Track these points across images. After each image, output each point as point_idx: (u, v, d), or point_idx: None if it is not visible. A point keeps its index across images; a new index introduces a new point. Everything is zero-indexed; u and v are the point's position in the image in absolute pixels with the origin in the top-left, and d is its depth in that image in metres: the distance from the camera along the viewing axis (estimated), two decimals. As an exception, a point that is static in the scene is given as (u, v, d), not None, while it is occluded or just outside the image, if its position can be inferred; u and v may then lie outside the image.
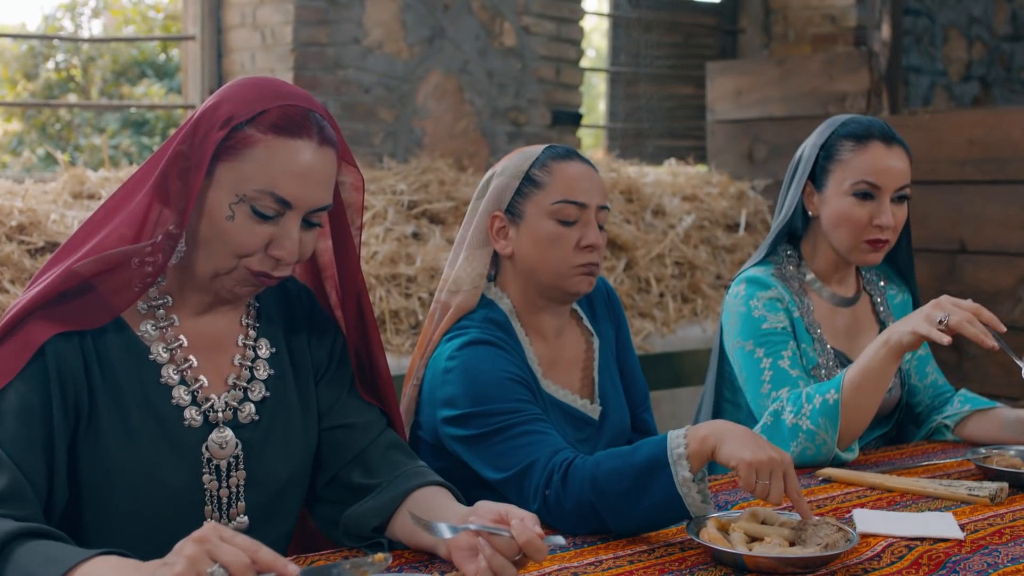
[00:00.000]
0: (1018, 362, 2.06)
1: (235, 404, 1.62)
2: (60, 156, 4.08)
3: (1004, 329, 2.04)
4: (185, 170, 1.53)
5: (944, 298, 2.07)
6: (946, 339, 2.01)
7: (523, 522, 1.41)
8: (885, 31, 4.90)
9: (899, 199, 2.29)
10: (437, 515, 1.56)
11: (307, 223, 1.58)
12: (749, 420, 2.31)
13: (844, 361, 2.32)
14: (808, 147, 2.36)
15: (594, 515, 1.69)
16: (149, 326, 1.59)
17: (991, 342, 2.01)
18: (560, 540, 1.43)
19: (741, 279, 2.34)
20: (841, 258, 2.34)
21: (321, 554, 1.62)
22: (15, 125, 7.41)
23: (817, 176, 2.33)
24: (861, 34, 5.53)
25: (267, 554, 1.24)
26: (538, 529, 1.41)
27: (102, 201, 1.58)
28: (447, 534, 1.43)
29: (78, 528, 1.55)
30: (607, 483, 1.67)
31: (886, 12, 4.90)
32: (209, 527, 1.25)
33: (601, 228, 2.02)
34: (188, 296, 1.61)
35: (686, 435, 1.65)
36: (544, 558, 1.42)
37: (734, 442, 1.62)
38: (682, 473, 1.62)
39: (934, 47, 6.17)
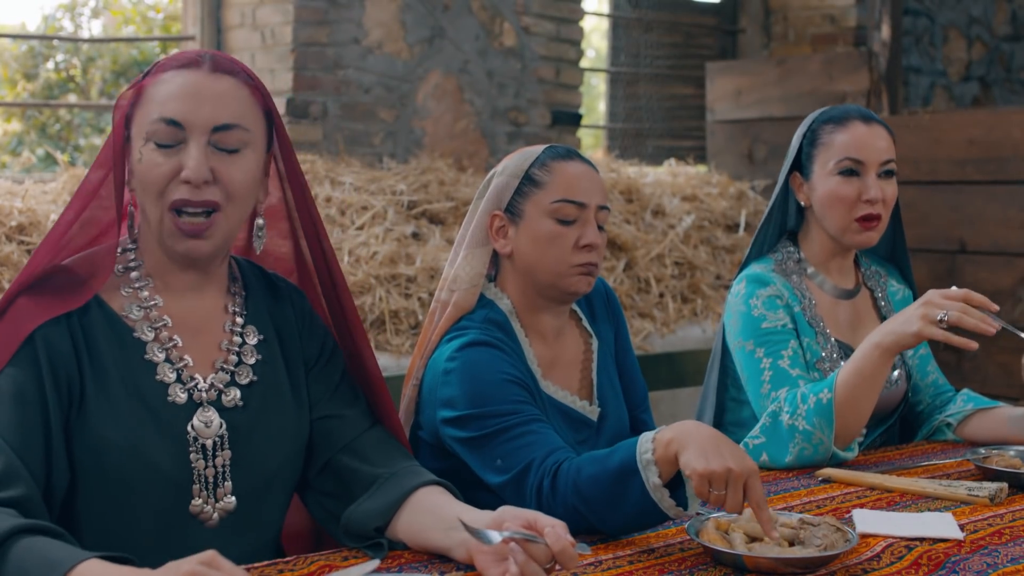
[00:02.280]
0: (1022, 335, 2.06)
1: (221, 386, 1.63)
2: (60, 156, 4.08)
3: (997, 308, 2.02)
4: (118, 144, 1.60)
5: (932, 293, 2.05)
6: (973, 344, 1.99)
7: (555, 529, 1.41)
8: (885, 31, 4.91)
9: (885, 174, 2.30)
10: (445, 516, 1.56)
11: (217, 148, 1.58)
12: (753, 418, 2.32)
13: (848, 352, 2.32)
14: (793, 139, 2.40)
15: (582, 518, 1.69)
16: (134, 307, 1.61)
17: (992, 329, 2.00)
18: (587, 548, 1.44)
19: (742, 277, 2.35)
20: (837, 244, 2.36)
21: (321, 554, 1.61)
22: (15, 125, 7.41)
23: (803, 165, 2.37)
24: (861, 34, 5.53)
25: None
26: (570, 537, 1.41)
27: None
28: (497, 539, 1.42)
29: (73, 510, 1.56)
30: (588, 489, 1.68)
31: (886, 12, 4.90)
32: (211, 553, 1.26)
33: (601, 228, 2.02)
34: (166, 276, 1.64)
35: (654, 439, 1.64)
36: (575, 567, 1.42)
37: (693, 449, 1.58)
38: (652, 479, 1.61)
39: (934, 47, 6.17)
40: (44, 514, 1.46)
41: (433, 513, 1.59)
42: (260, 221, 1.69)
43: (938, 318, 2.01)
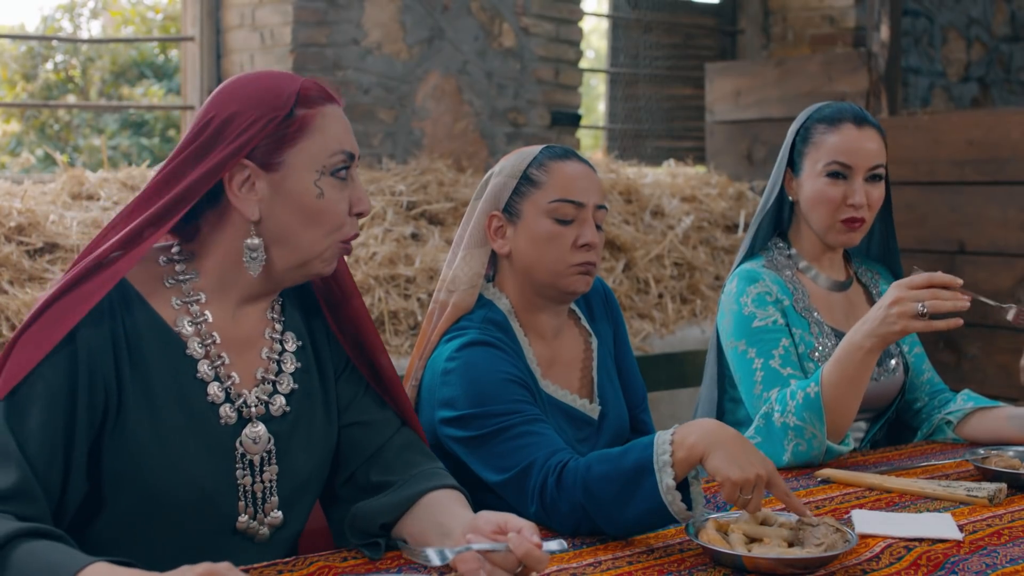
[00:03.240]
0: (1002, 305, 2.07)
1: (266, 398, 1.62)
2: (59, 157, 4.07)
3: (960, 281, 2.00)
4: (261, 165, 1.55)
5: (899, 289, 2.03)
6: (957, 322, 1.99)
7: (520, 534, 1.40)
8: (884, 32, 4.91)
9: (873, 178, 2.32)
10: (443, 523, 1.56)
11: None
12: (749, 418, 2.33)
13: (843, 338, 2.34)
14: (788, 134, 2.42)
15: (587, 518, 1.69)
16: (185, 322, 1.58)
17: (966, 302, 1.99)
18: (556, 546, 1.42)
19: (733, 275, 2.38)
20: (822, 241, 2.38)
21: (320, 555, 1.61)
22: (14, 126, 7.42)
23: (795, 161, 2.39)
24: (860, 35, 5.53)
25: None
26: (536, 539, 1.40)
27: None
28: (436, 561, 1.42)
29: (91, 524, 1.53)
30: (597, 488, 1.67)
31: (885, 13, 4.90)
32: (225, 565, 1.25)
33: (599, 228, 2.02)
34: (222, 294, 1.61)
35: (672, 441, 1.64)
36: (545, 567, 1.41)
37: (722, 455, 1.60)
38: (666, 481, 1.62)
39: (933, 48, 6.17)
40: None
41: (435, 518, 1.58)
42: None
43: (918, 311, 2.01)
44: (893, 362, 2.40)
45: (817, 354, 2.29)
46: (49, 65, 7.45)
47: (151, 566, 1.32)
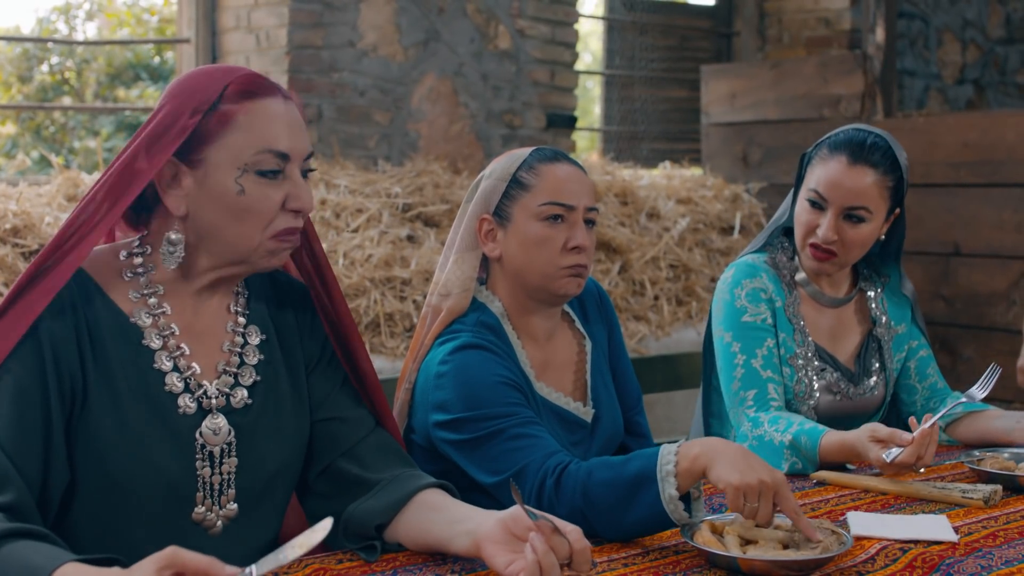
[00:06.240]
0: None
1: (227, 390, 1.63)
2: (54, 159, 4.07)
3: (909, 437, 2.01)
4: (175, 166, 1.56)
5: (870, 454, 2.03)
6: (907, 437, 2.00)
7: (578, 531, 1.42)
8: (879, 34, 4.91)
9: (850, 218, 2.28)
10: (451, 512, 1.57)
11: (302, 173, 1.62)
12: (724, 412, 2.35)
13: (824, 355, 2.35)
14: None
15: (585, 522, 1.69)
16: (143, 313, 1.60)
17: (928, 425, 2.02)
18: (595, 564, 1.45)
19: (733, 264, 2.39)
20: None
21: (315, 557, 1.61)
22: (9, 128, 7.41)
23: (800, 178, 2.37)
24: (855, 37, 5.54)
25: (230, 569, 1.26)
26: (589, 543, 1.42)
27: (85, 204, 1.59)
28: (539, 516, 1.42)
29: (69, 512, 1.55)
30: (598, 494, 1.68)
31: (880, 15, 4.91)
32: (170, 551, 1.25)
33: (590, 224, 2.02)
34: (180, 286, 1.63)
35: (677, 452, 1.65)
36: (588, 571, 1.42)
37: (724, 464, 1.60)
38: (668, 491, 1.62)
39: (928, 50, 6.18)
40: (36, 520, 1.45)
41: (438, 510, 1.59)
42: None
43: (889, 458, 2.01)
44: (872, 381, 2.40)
45: (798, 362, 2.30)
46: (44, 67, 7.44)
47: (124, 555, 1.34)
